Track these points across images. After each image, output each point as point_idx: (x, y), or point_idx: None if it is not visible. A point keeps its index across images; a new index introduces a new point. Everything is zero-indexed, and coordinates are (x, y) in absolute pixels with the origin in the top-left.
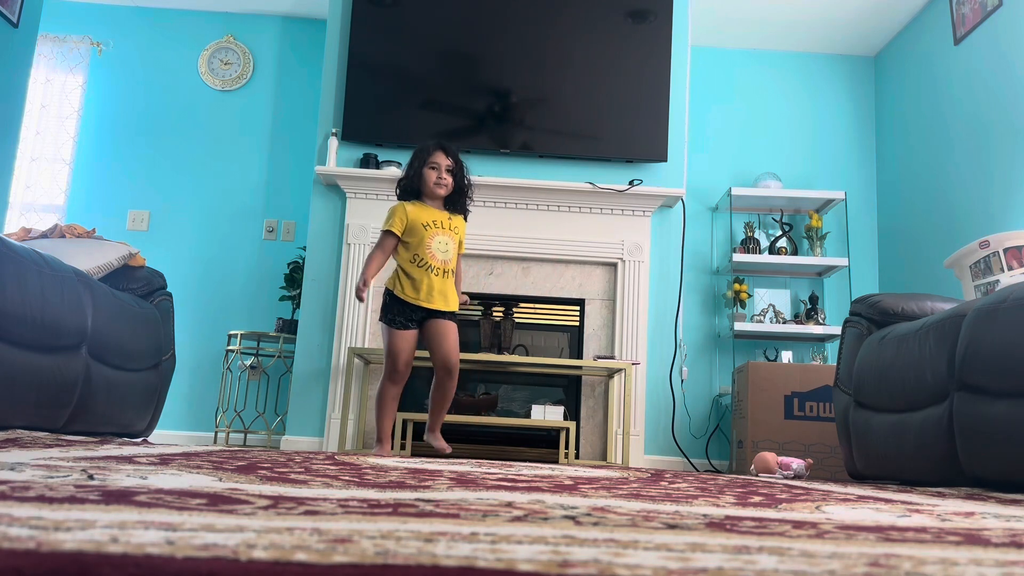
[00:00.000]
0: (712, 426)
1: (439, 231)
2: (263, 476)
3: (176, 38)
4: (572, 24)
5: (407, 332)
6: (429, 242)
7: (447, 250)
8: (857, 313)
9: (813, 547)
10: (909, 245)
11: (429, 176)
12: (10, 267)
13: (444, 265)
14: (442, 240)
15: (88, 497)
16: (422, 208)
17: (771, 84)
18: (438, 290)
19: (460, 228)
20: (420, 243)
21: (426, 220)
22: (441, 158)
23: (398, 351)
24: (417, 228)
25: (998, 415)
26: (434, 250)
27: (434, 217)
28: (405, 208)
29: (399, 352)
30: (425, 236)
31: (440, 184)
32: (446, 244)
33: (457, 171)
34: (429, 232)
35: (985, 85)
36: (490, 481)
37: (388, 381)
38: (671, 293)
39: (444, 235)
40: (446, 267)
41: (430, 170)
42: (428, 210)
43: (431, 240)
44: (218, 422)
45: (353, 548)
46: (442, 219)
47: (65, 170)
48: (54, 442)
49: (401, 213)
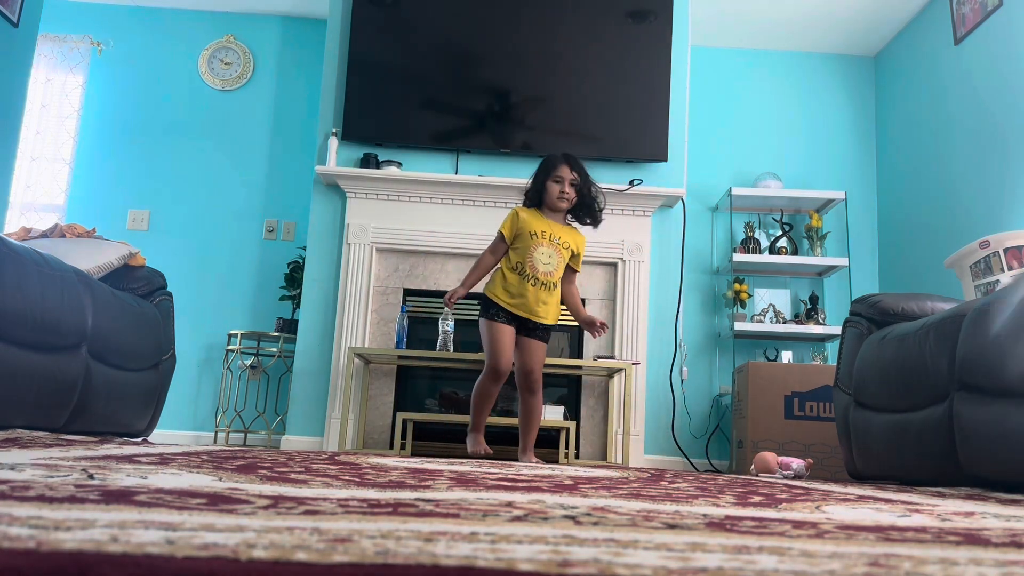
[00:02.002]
0: (712, 426)
1: (545, 243)
2: (263, 476)
3: (176, 38)
4: (572, 24)
5: (508, 327)
6: (533, 251)
7: (549, 262)
8: (857, 313)
9: (813, 547)
10: (909, 245)
11: (552, 190)
12: (10, 267)
13: (545, 277)
14: (546, 252)
15: (88, 497)
16: (536, 217)
17: (771, 84)
18: (532, 300)
19: (573, 242)
20: (525, 251)
21: (535, 229)
22: (566, 172)
23: (500, 346)
24: (524, 236)
25: (998, 415)
26: (535, 260)
27: (545, 228)
28: (519, 214)
29: (500, 348)
30: (531, 245)
31: (563, 198)
32: (550, 256)
33: (582, 184)
34: (535, 241)
35: (985, 85)
36: (490, 481)
37: (488, 378)
38: (671, 293)
39: (550, 247)
40: (547, 279)
41: (553, 184)
42: (542, 220)
43: (535, 250)
44: (218, 422)
45: (353, 548)
46: (554, 231)
47: (65, 170)
48: (54, 442)
49: (513, 218)
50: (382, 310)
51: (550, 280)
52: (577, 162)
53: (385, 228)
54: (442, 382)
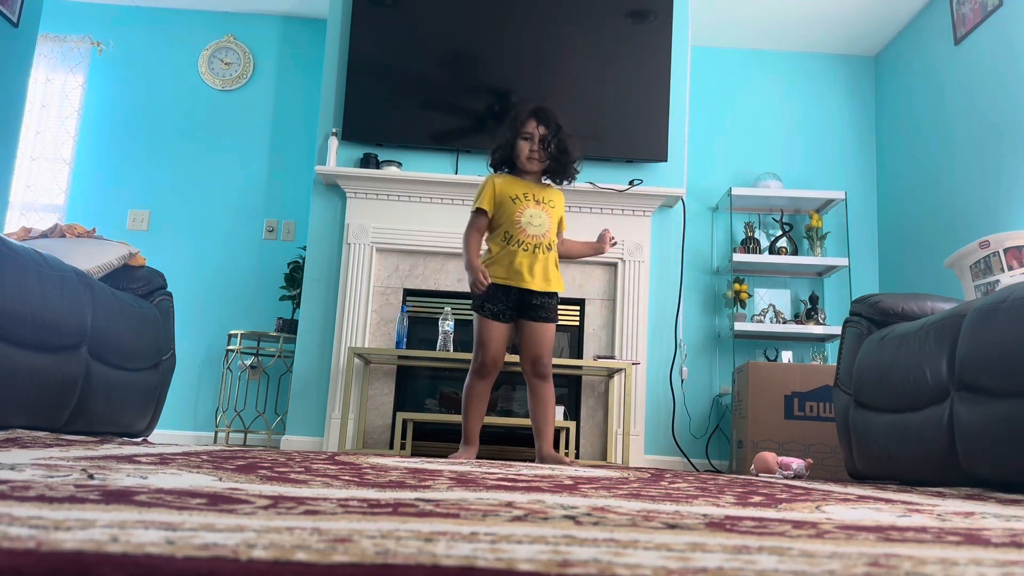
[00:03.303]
0: (712, 426)
1: (529, 204)
2: (263, 476)
3: (176, 38)
4: (572, 24)
5: (499, 324)
6: (518, 217)
7: (540, 224)
8: (857, 313)
9: (813, 547)
10: (909, 245)
11: (522, 148)
12: (10, 267)
13: (536, 240)
14: (533, 213)
15: (88, 497)
16: (512, 181)
17: (771, 84)
18: (527, 268)
19: (557, 201)
20: (509, 218)
21: (515, 193)
22: (532, 126)
23: (487, 340)
24: (505, 202)
25: (998, 415)
26: (524, 225)
27: (525, 190)
28: (494, 182)
29: (488, 342)
30: (515, 210)
31: (533, 157)
32: (539, 218)
33: (554, 138)
34: (519, 205)
35: (985, 85)
36: (490, 481)
37: (475, 375)
38: (671, 293)
39: (535, 208)
40: (539, 242)
41: (523, 141)
42: (519, 182)
43: (520, 215)
44: (218, 422)
45: (353, 548)
46: (534, 191)
47: (65, 170)
48: (54, 442)
49: (490, 187)
50: (382, 310)
51: (543, 243)
52: (545, 114)
53: (385, 228)
54: (442, 382)
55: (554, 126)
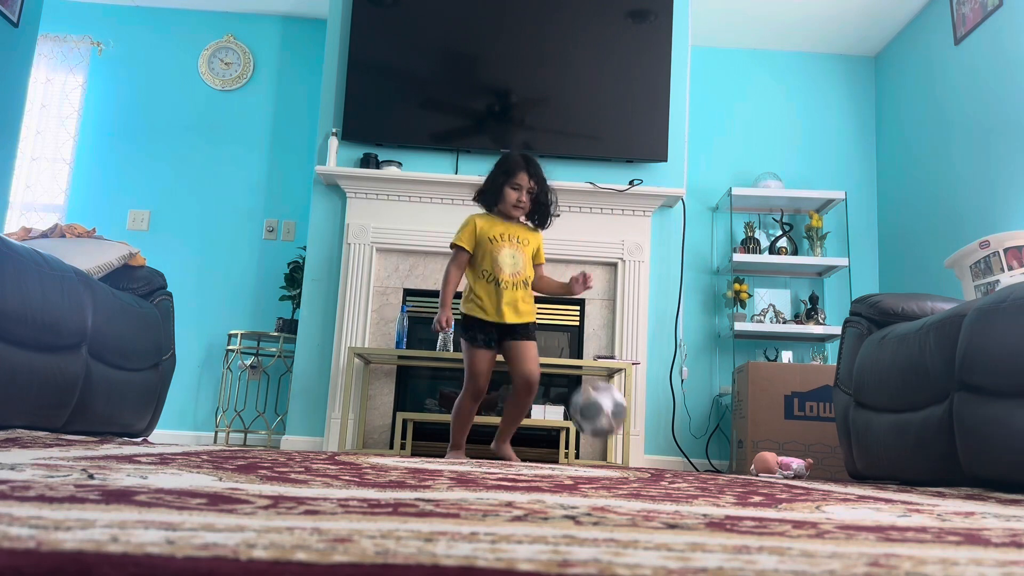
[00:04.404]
0: (712, 426)
1: (506, 244)
2: (263, 476)
3: (176, 38)
4: (572, 24)
5: (487, 352)
6: (496, 256)
7: (515, 263)
8: (857, 313)
9: (813, 547)
10: (909, 245)
11: (509, 196)
12: (10, 267)
13: (514, 278)
14: (509, 253)
15: (88, 497)
16: (492, 221)
17: (771, 84)
18: (507, 303)
19: (533, 240)
20: (487, 256)
21: (494, 234)
22: (524, 179)
23: (478, 372)
24: (484, 242)
25: (998, 415)
26: (501, 263)
27: (503, 230)
28: (475, 222)
29: (479, 373)
30: (492, 250)
31: (519, 207)
32: (514, 257)
33: (539, 192)
34: (496, 245)
35: (985, 85)
36: (490, 481)
37: (468, 398)
38: (671, 293)
39: (512, 248)
40: (516, 279)
41: (511, 190)
42: (498, 223)
43: (498, 253)
44: (218, 422)
45: (353, 548)
46: (511, 231)
47: (65, 170)
48: (54, 442)
49: (471, 227)
50: (382, 310)
51: (519, 279)
52: (536, 167)
53: (385, 228)
54: (442, 382)
55: (542, 180)
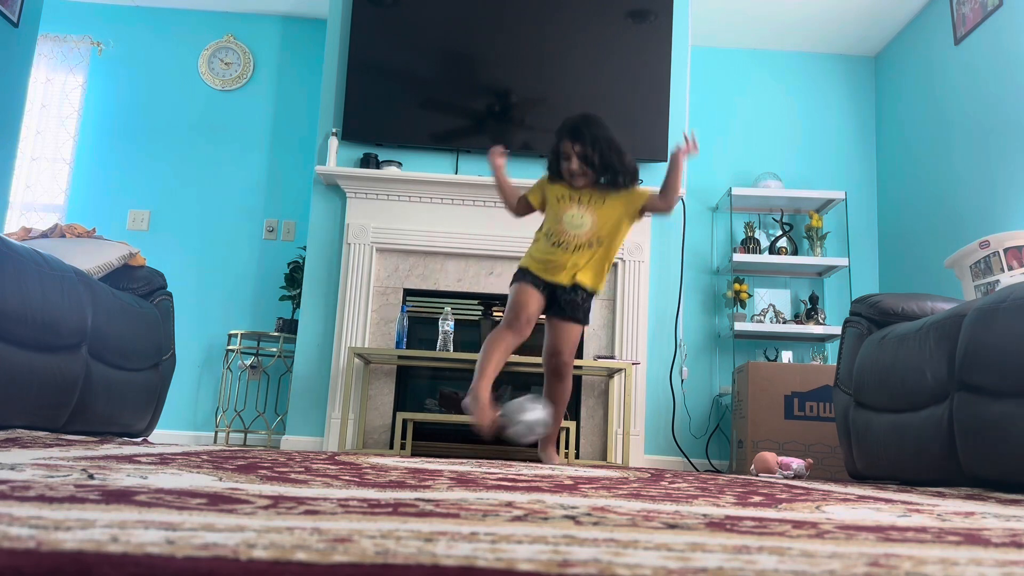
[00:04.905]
0: (712, 426)
1: (573, 205)
2: (263, 476)
3: (176, 38)
4: (572, 24)
5: (534, 290)
6: (561, 215)
7: (581, 223)
8: (857, 313)
9: (813, 547)
10: (909, 245)
11: (564, 168)
12: (10, 267)
13: (576, 240)
14: (574, 214)
15: (88, 497)
16: (559, 185)
17: (771, 84)
18: (559, 264)
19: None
20: (552, 216)
21: (560, 193)
22: (568, 147)
23: (518, 303)
24: (551, 201)
25: (998, 415)
26: (565, 224)
27: (570, 192)
28: (545, 181)
29: (519, 304)
30: (557, 209)
31: (575, 174)
32: (580, 218)
33: (594, 152)
34: (561, 205)
35: (985, 85)
36: (490, 481)
37: (505, 327)
38: (671, 293)
39: (579, 208)
40: (578, 241)
41: (562, 160)
42: (564, 187)
43: (563, 213)
44: (218, 422)
45: (353, 548)
46: (580, 194)
47: (65, 170)
48: (54, 442)
49: (540, 185)
50: (382, 310)
51: (582, 241)
52: (583, 132)
53: (385, 228)
54: (442, 382)
55: (589, 139)
